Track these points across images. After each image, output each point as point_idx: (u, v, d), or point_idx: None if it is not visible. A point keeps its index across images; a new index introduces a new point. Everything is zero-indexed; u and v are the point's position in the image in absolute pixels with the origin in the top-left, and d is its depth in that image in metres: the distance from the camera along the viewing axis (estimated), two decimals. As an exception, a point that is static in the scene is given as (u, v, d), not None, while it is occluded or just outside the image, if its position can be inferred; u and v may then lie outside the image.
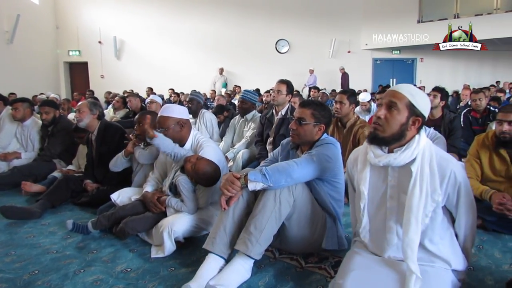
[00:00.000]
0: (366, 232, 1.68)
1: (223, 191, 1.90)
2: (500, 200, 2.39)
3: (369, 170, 1.63)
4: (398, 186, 1.58)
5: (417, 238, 1.49)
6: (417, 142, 1.52)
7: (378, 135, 1.54)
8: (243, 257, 1.87)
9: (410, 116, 1.51)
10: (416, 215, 1.48)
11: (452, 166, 1.52)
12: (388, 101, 1.52)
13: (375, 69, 14.86)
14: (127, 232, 2.37)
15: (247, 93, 4.32)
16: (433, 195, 1.50)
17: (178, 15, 13.87)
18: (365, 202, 1.65)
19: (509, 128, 2.48)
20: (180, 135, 2.57)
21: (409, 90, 1.53)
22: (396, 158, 1.52)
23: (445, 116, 3.94)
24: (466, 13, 12.17)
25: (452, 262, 1.58)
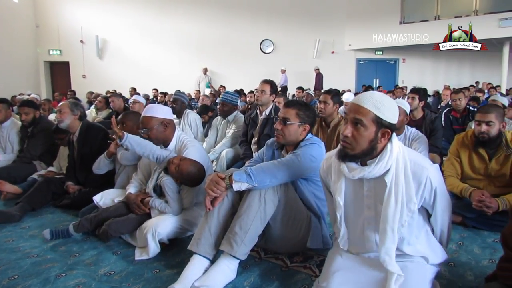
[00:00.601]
0: (345, 241, 1.68)
1: (208, 192, 1.90)
2: (479, 197, 2.46)
3: (344, 182, 1.60)
4: (375, 196, 1.56)
5: (394, 246, 1.49)
6: (390, 151, 1.47)
7: (348, 153, 1.48)
8: (228, 257, 1.87)
9: (378, 130, 1.45)
10: (391, 226, 1.47)
11: (427, 172, 1.49)
12: (353, 118, 1.45)
13: (358, 69, 15.03)
14: (110, 234, 2.34)
15: (227, 95, 4.29)
16: (408, 205, 1.48)
17: (161, 14, 13.73)
18: (341, 212, 1.62)
19: (487, 129, 2.53)
20: (164, 135, 2.55)
21: (373, 102, 1.44)
22: (370, 172, 1.48)
23: (426, 116, 4.01)
24: (446, 15, 12.42)
25: (429, 257, 1.61)
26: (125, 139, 2.40)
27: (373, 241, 1.60)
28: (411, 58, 14.90)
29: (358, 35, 13.84)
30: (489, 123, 2.53)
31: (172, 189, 2.35)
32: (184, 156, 2.39)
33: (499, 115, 2.56)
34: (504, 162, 2.57)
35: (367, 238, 1.61)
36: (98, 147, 3.15)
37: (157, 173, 2.50)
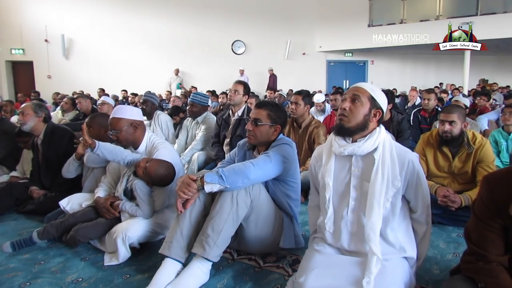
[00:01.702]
0: (332, 223, 1.73)
1: (179, 194, 1.87)
2: (444, 193, 2.57)
3: (333, 161, 1.71)
4: (361, 175, 1.66)
5: (379, 221, 1.59)
6: (378, 132, 1.65)
7: (344, 126, 1.64)
8: (201, 260, 1.85)
9: (371, 108, 1.64)
10: (378, 200, 1.59)
11: (410, 155, 1.65)
12: (352, 94, 1.66)
13: (329, 70, 15.29)
14: (78, 240, 2.26)
15: (196, 96, 4.25)
16: (393, 181, 1.61)
17: (131, 14, 13.43)
18: (330, 193, 1.71)
19: (450, 128, 2.64)
20: (133, 137, 2.50)
21: (369, 86, 1.70)
22: (360, 147, 1.62)
23: (394, 117, 4.12)
24: (411, 18, 12.85)
25: (407, 248, 1.67)
26: (97, 148, 2.33)
27: (355, 221, 1.67)
28: (379, 60, 15.34)
29: (328, 37, 14.08)
30: (452, 122, 2.63)
31: (144, 191, 2.31)
32: (152, 158, 2.35)
33: (461, 115, 2.68)
34: (466, 160, 2.69)
35: (350, 219, 1.69)
36: (65, 150, 3.05)
37: (127, 176, 2.44)
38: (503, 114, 3.78)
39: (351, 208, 1.69)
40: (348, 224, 1.69)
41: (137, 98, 9.38)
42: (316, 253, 1.71)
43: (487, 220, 1.41)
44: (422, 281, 1.90)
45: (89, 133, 2.72)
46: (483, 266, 1.38)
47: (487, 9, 11.65)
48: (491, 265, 1.38)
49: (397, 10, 13.21)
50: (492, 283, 1.32)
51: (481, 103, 5.84)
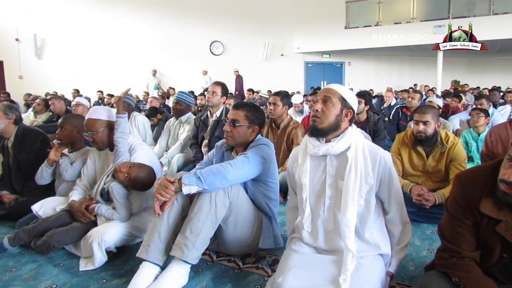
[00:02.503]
0: (309, 222, 1.76)
1: (157, 196, 1.85)
2: (419, 192, 2.63)
3: (309, 162, 1.74)
4: (336, 174, 1.70)
5: (354, 218, 1.63)
6: (351, 132, 1.70)
7: (317, 127, 1.68)
8: (179, 262, 1.83)
9: (343, 108, 1.69)
10: (352, 197, 1.63)
11: (381, 152, 1.71)
12: (323, 96, 1.70)
13: (307, 72, 15.44)
14: (52, 246, 2.19)
15: (182, 95, 4.24)
16: (367, 178, 1.65)
17: (107, 13, 13.16)
18: (307, 193, 1.74)
19: (424, 128, 2.71)
20: (110, 139, 2.45)
21: (339, 87, 1.74)
22: (333, 146, 1.67)
23: (370, 118, 4.21)
24: (387, 21, 13.15)
25: (382, 245, 1.71)
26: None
27: (331, 220, 1.71)
28: (356, 62, 15.61)
29: (306, 38, 14.23)
30: (426, 122, 2.70)
31: (121, 194, 2.26)
32: (131, 161, 2.31)
33: (434, 115, 2.75)
34: (439, 159, 2.76)
35: (327, 217, 1.72)
36: (37, 153, 2.95)
37: (104, 178, 2.39)
38: (471, 116, 3.90)
39: (327, 207, 1.72)
40: (325, 222, 1.73)
41: (113, 99, 9.19)
42: (293, 253, 1.72)
43: (459, 217, 1.45)
44: (398, 278, 1.94)
45: (61, 134, 2.66)
46: (457, 262, 1.42)
47: (458, 13, 12.02)
48: (464, 261, 1.42)
49: (373, 12, 13.47)
50: (466, 277, 1.36)
51: (452, 104, 6.02)
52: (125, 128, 2.46)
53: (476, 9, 11.91)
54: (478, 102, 4.99)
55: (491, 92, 7.34)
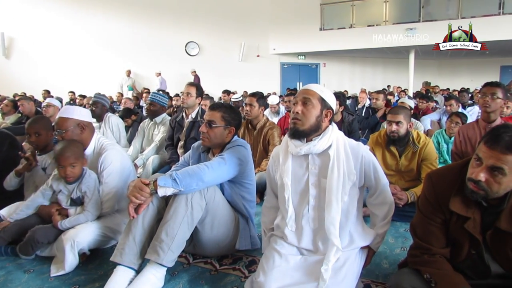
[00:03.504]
0: (293, 222, 1.74)
1: (131, 199, 1.81)
2: (392, 191, 2.67)
3: (291, 161, 1.73)
4: (319, 172, 1.70)
5: (338, 215, 1.64)
6: (331, 130, 1.70)
7: (298, 129, 1.67)
8: (155, 265, 1.81)
9: (322, 109, 1.69)
10: (336, 195, 1.64)
11: (362, 149, 1.73)
12: (302, 98, 1.69)
13: (283, 73, 15.55)
14: (36, 241, 2.10)
15: (156, 95, 4.18)
16: (349, 175, 1.67)
17: (79, 12, 12.77)
18: (289, 192, 1.72)
19: (397, 128, 2.78)
20: (80, 138, 2.37)
21: (318, 87, 1.74)
22: (315, 146, 1.66)
23: (345, 118, 4.29)
24: (360, 23, 13.38)
25: (365, 238, 1.75)
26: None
27: (316, 218, 1.71)
28: (331, 63, 15.85)
29: (281, 39, 14.30)
30: (399, 123, 2.77)
31: (91, 189, 2.21)
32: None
33: (406, 116, 2.82)
34: (411, 158, 2.84)
35: (311, 216, 1.71)
36: (5, 155, 2.83)
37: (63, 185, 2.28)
38: (449, 121, 4.00)
39: (312, 206, 1.72)
40: (310, 222, 1.72)
41: (86, 100, 8.98)
42: (275, 253, 1.71)
43: (430, 215, 1.50)
44: (372, 276, 1.98)
45: (37, 139, 2.58)
46: (428, 259, 1.47)
47: (428, 17, 12.40)
48: (435, 258, 1.46)
49: (347, 15, 13.68)
50: (436, 273, 1.40)
51: (421, 106, 6.21)
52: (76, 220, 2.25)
53: (445, 13, 12.30)
54: (447, 103, 5.16)
55: (460, 93, 7.61)
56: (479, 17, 11.38)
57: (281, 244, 1.75)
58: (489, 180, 1.29)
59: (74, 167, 2.19)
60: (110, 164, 2.29)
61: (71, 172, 2.18)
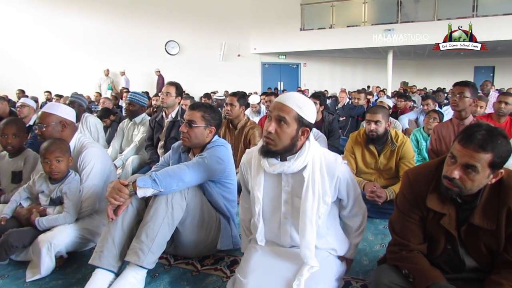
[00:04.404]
0: (263, 237, 1.71)
1: (110, 200, 1.78)
2: (371, 189, 2.74)
3: (263, 177, 1.64)
4: (292, 191, 1.63)
5: (314, 239, 1.57)
6: (308, 149, 1.57)
7: (271, 149, 1.54)
8: (135, 268, 1.78)
9: (299, 128, 1.53)
10: (310, 218, 1.56)
11: (339, 169, 1.61)
12: (277, 115, 1.52)
13: (264, 72, 15.58)
14: (10, 245, 2.02)
15: (135, 95, 4.12)
16: (324, 197, 1.59)
17: (55, 10, 12.43)
18: (260, 207, 1.66)
19: (376, 127, 2.82)
20: (60, 136, 2.31)
21: (296, 102, 1.53)
22: (289, 167, 1.55)
23: (325, 118, 4.34)
24: (340, 24, 13.54)
25: (337, 249, 1.74)
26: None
27: (288, 235, 1.67)
28: (311, 63, 15.99)
29: (262, 39, 14.34)
30: (377, 122, 2.82)
31: (73, 191, 2.16)
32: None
33: (385, 115, 2.88)
34: (390, 157, 2.89)
35: (283, 233, 1.68)
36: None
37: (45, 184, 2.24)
38: (427, 116, 4.09)
39: (282, 223, 1.67)
40: (281, 238, 1.69)
41: (62, 99, 8.75)
42: (254, 250, 1.71)
43: (408, 212, 1.53)
44: (352, 272, 2.01)
45: (14, 141, 2.53)
46: (406, 255, 1.50)
47: (405, 18, 12.66)
48: (412, 253, 1.50)
49: (327, 15, 13.82)
50: (414, 269, 1.43)
51: (400, 104, 6.34)
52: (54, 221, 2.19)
53: (421, 15, 12.58)
54: (424, 102, 5.28)
55: (437, 93, 7.78)
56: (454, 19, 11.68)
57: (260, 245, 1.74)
58: (463, 177, 1.33)
59: (60, 162, 2.15)
60: (90, 162, 2.26)
61: (56, 167, 2.14)
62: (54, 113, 2.33)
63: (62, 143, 2.22)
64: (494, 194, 1.38)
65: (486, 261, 1.45)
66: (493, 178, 1.35)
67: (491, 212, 1.38)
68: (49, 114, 2.32)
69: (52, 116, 2.32)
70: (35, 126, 2.33)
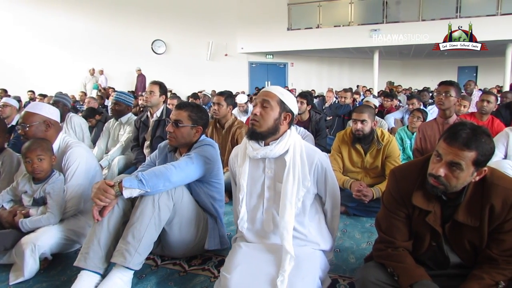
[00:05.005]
0: (244, 222, 1.79)
1: (95, 201, 1.76)
2: (358, 188, 2.77)
3: (248, 164, 1.75)
4: (275, 176, 1.74)
5: (292, 220, 1.67)
6: (289, 135, 1.72)
7: (256, 130, 1.68)
8: (121, 269, 1.76)
9: (281, 112, 1.70)
10: (290, 200, 1.66)
11: (318, 155, 1.75)
12: (262, 100, 1.70)
13: (251, 72, 15.59)
14: None
15: (121, 95, 4.07)
16: (304, 182, 1.70)
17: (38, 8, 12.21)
18: (244, 194, 1.76)
19: (362, 126, 2.85)
20: (44, 136, 2.27)
21: (278, 90, 1.74)
22: (272, 150, 1.69)
23: (312, 117, 4.36)
24: (327, 24, 13.63)
25: (320, 243, 1.77)
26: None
27: (270, 220, 1.75)
28: (298, 63, 16.06)
29: (249, 39, 14.34)
30: (364, 121, 2.84)
31: (57, 192, 2.12)
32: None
33: (371, 114, 2.90)
34: (376, 155, 2.92)
35: (266, 218, 1.75)
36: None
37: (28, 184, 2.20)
38: (411, 116, 4.16)
39: (265, 208, 1.76)
40: (264, 224, 1.76)
41: (46, 99, 8.60)
42: (238, 248, 1.74)
43: (394, 209, 1.55)
44: (340, 271, 2.02)
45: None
46: (391, 252, 1.52)
47: (392, 18, 12.81)
48: (398, 251, 1.52)
49: (313, 15, 13.90)
50: (399, 267, 1.45)
51: (387, 104, 6.41)
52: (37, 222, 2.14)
53: (406, 15, 12.75)
54: (409, 101, 5.34)
55: (421, 92, 7.88)
56: (438, 20, 11.88)
57: (244, 242, 1.78)
58: (448, 175, 1.35)
59: (42, 161, 2.12)
60: (75, 161, 2.23)
61: (38, 165, 2.11)
62: (38, 112, 2.29)
63: (44, 142, 2.18)
64: (477, 192, 1.41)
65: (469, 257, 1.48)
66: (477, 176, 1.37)
67: (474, 209, 1.40)
68: (33, 113, 2.28)
69: (36, 116, 2.28)
70: (18, 126, 2.28)
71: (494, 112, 4.11)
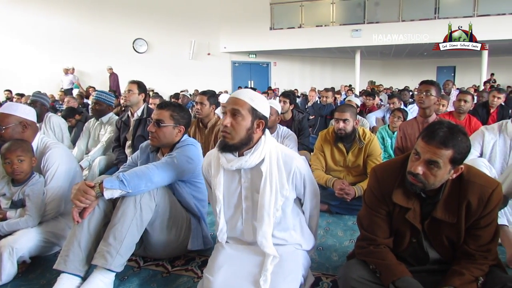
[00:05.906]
0: (224, 234, 1.74)
1: (75, 203, 1.73)
2: (340, 186, 2.80)
3: (222, 175, 1.68)
4: (251, 186, 1.67)
5: (270, 230, 1.63)
6: (264, 142, 1.63)
7: (228, 143, 1.58)
8: (103, 271, 1.73)
9: (254, 120, 1.59)
10: (268, 211, 1.61)
11: (296, 162, 1.67)
12: (231, 109, 1.57)
13: (234, 71, 15.55)
14: None
15: (101, 94, 4.01)
16: (282, 191, 1.64)
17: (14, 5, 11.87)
18: (221, 206, 1.70)
19: (344, 126, 2.88)
20: (21, 137, 2.21)
21: (248, 95, 1.60)
22: (247, 161, 1.60)
23: (295, 117, 4.38)
24: (309, 24, 13.71)
25: (302, 243, 1.78)
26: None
27: (250, 230, 1.70)
28: (281, 62, 16.11)
29: (232, 38, 14.31)
30: (345, 120, 2.87)
31: (36, 194, 2.07)
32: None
33: (353, 113, 2.94)
34: (358, 154, 2.96)
35: (246, 228, 1.71)
36: None
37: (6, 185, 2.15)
38: (392, 116, 4.23)
39: (245, 219, 1.71)
40: (244, 233, 1.73)
41: (24, 99, 8.39)
42: (221, 248, 1.73)
43: (375, 207, 1.57)
44: (322, 268, 2.04)
45: None
46: (373, 250, 1.54)
47: (372, 19, 13.00)
48: (379, 248, 1.54)
49: (296, 15, 13.96)
50: (381, 264, 1.48)
51: (369, 103, 6.50)
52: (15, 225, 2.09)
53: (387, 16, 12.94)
54: (390, 101, 5.43)
55: (402, 91, 8.02)
56: (417, 21, 12.12)
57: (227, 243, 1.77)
58: (426, 173, 1.38)
59: (22, 162, 2.07)
60: (54, 163, 2.18)
61: (18, 166, 2.06)
62: (13, 113, 2.23)
63: (24, 143, 2.14)
64: (455, 189, 1.44)
65: (448, 253, 1.51)
66: (454, 174, 1.41)
67: (452, 206, 1.44)
68: (8, 115, 2.21)
69: (11, 117, 2.21)
70: None
71: (471, 111, 4.21)
